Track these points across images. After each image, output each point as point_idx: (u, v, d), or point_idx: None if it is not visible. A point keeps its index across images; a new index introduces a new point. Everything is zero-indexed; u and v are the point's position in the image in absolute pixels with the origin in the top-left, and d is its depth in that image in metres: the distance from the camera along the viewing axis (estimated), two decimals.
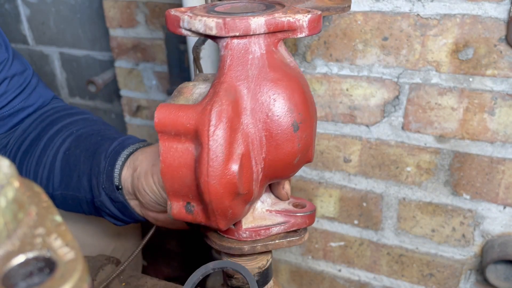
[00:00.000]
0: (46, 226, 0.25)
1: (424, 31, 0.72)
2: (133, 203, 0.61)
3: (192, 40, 0.88)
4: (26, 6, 1.41)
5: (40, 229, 0.24)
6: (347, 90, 0.81)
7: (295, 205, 0.53)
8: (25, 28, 1.45)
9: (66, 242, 0.24)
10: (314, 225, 0.97)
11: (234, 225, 0.51)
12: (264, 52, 0.41)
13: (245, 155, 0.41)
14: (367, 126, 0.83)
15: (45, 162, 0.66)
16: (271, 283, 0.56)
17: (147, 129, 1.30)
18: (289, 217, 0.52)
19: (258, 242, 0.50)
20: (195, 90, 0.45)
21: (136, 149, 0.61)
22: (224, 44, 0.41)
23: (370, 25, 0.75)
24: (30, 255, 0.23)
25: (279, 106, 0.41)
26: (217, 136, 0.39)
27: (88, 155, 0.62)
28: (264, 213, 0.52)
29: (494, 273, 0.80)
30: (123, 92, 1.26)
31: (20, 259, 0.23)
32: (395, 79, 0.77)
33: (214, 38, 0.41)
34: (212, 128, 0.39)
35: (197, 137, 0.40)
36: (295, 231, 0.52)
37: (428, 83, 0.76)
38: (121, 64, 1.21)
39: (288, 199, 0.53)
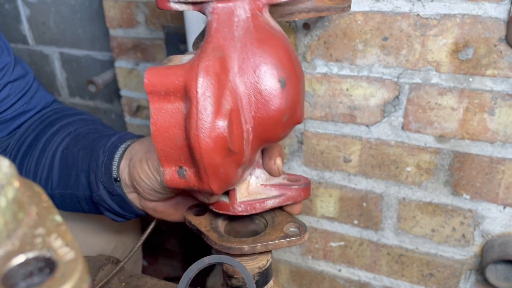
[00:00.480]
0: (46, 226, 0.25)
1: (424, 31, 0.72)
2: (131, 196, 0.61)
3: (192, 40, 0.88)
4: (26, 6, 1.41)
5: (40, 229, 0.24)
6: (347, 90, 0.81)
7: (290, 180, 0.53)
8: (25, 28, 1.45)
9: (66, 242, 0.24)
10: (314, 225, 0.97)
11: (229, 198, 0.51)
12: (250, 15, 0.43)
13: (234, 110, 0.42)
14: (367, 126, 0.83)
15: (44, 162, 0.66)
16: (271, 283, 0.56)
17: (147, 129, 1.30)
18: (284, 190, 0.52)
19: (258, 242, 0.50)
20: (184, 57, 0.46)
21: (134, 142, 0.61)
22: (211, 9, 0.43)
23: (370, 25, 0.75)
24: (30, 255, 0.23)
25: (265, 63, 0.43)
26: (205, 89, 0.40)
27: (86, 152, 0.63)
28: (258, 188, 0.52)
29: (494, 273, 0.80)
30: (123, 92, 1.26)
31: (20, 259, 0.23)
32: (395, 79, 0.77)
33: (201, 4, 0.43)
34: (200, 81, 0.40)
35: (186, 93, 0.41)
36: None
37: (428, 83, 0.76)
38: (121, 64, 1.21)
39: (280, 174, 0.53)
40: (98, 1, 1.28)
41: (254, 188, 0.52)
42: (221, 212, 0.52)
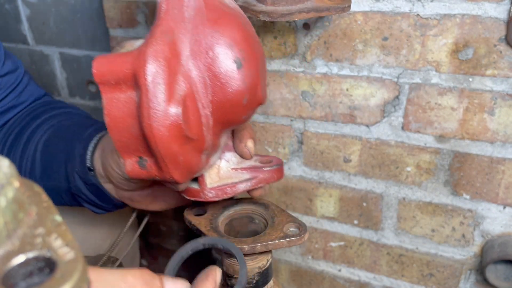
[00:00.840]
0: (46, 226, 0.25)
1: (424, 31, 0.72)
2: (107, 187, 0.60)
3: None
4: (26, 6, 1.41)
5: (40, 229, 0.24)
6: (347, 90, 0.81)
7: (262, 162, 0.52)
8: (25, 28, 1.45)
9: (66, 242, 0.24)
10: (314, 225, 0.97)
11: (199, 185, 0.50)
12: None
13: (188, 96, 0.40)
14: (367, 126, 0.83)
15: (28, 155, 0.66)
16: (271, 283, 0.56)
17: None
18: (255, 173, 0.51)
19: (258, 242, 0.50)
20: (137, 42, 0.44)
21: (107, 133, 0.61)
22: None
23: (370, 25, 0.75)
24: (30, 255, 0.23)
25: (218, 44, 0.41)
26: (154, 76, 0.38)
27: (66, 144, 0.63)
28: (230, 172, 0.51)
29: (494, 273, 0.80)
30: None
31: (20, 259, 0.23)
32: (395, 79, 0.77)
33: None
34: (148, 67, 0.38)
35: (136, 81, 0.39)
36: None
37: (428, 83, 0.76)
38: None
39: (251, 157, 0.52)
40: (98, 1, 1.28)
41: (225, 173, 0.51)
42: (192, 199, 0.51)
